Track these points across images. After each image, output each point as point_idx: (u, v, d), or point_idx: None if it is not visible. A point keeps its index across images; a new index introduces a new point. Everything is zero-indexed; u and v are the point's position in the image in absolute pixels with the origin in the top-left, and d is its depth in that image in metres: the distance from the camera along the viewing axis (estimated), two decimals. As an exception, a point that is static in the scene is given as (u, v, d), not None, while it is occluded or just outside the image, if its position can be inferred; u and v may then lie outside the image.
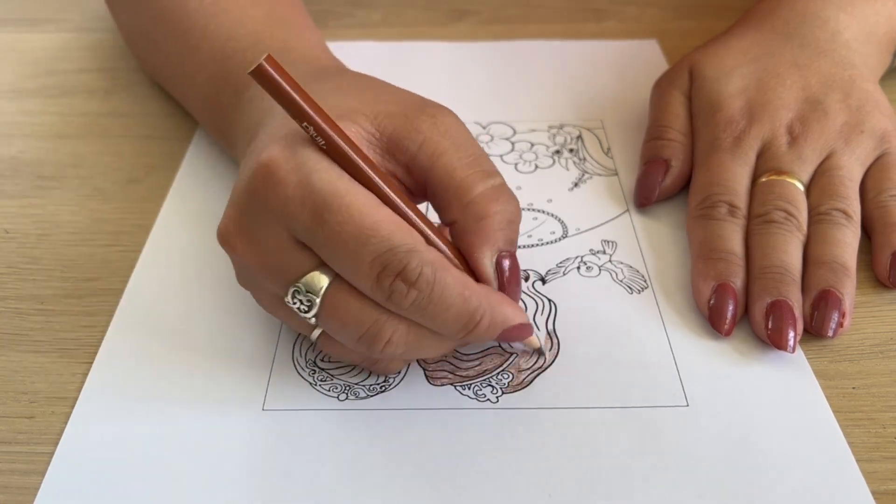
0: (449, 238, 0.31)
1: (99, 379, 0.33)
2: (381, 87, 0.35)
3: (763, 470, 0.29)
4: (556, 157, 0.46)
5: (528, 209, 0.42)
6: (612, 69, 0.54)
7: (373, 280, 0.28)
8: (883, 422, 0.31)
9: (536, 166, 0.45)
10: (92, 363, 0.34)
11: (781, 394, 0.32)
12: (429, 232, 0.30)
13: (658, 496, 0.29)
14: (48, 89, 0.53)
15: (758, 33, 0.43)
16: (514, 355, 0.34)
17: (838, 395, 0.32)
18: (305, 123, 0.28)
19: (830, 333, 0.34)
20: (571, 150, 0.46)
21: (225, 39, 0.41)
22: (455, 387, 0.33)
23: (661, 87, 0.45)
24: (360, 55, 0.55)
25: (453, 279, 0.28)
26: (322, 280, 0.29)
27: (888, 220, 0.38)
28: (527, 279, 0.38)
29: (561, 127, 0.48)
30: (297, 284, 0.29)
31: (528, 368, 0.33)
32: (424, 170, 0.30)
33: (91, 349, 0.35)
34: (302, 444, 0.31)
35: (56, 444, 0.31)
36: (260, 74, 0.27)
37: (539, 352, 0.34)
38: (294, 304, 0.29)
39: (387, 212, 0.28)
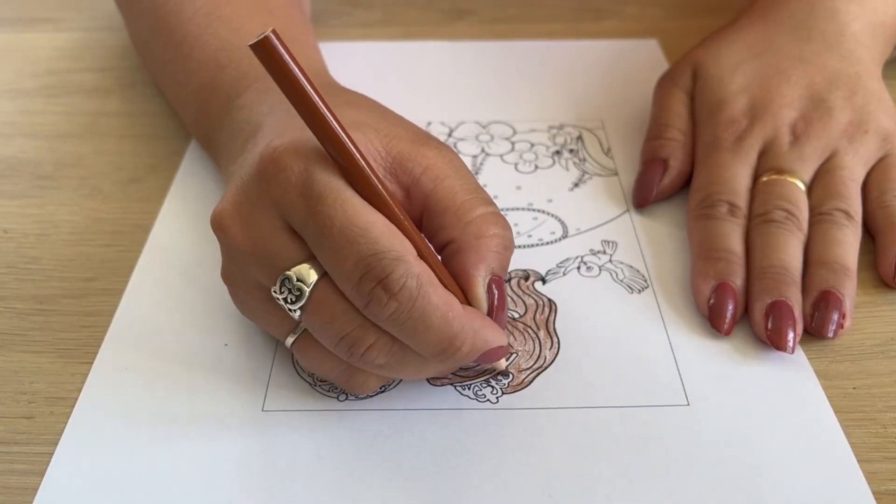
0: (440, 260, 0.30)
1: (98, 379, 0.33)
2: (388, 110, 0.35)
3: (764, 470, 0.29)
4: (556, 158, 0.46)
5: (528, 209, 0.42)
6: (612, 69, 0.54)
7: (354, 282, 0.27)
8: (884, 422, 0.31)
9: (536, 166, 0.45)
10: (91, 363, 0.34)
11: (782, 393, 0.32)
12: (421, 245, 0.29)
13: (658, 496, 0.29)
14: (48, 89, 0.53)
15: (763, 26, 0.43)
16: (515, 355, 0.34)
17: (839, 395, 0.32)
18: (305, 111, 0.27)
19: (830, 334, 0.34)
20: (571, 151, 0.46)
21: (218, 49, 0.40)
22: (455, 387, 0.33)
23: (664, 86, 0.44)
24: (360, 55, 0.56)
25: (438, 298, 0.28)
26: (312, 273, 0.28)
27: (892, 221, 0.37)
28: (527, 279, 0.38)
29: (561, 127, 0.48)
30: (288, 273, 0.28)
31: (528, 368, 0.33)
32: (426, 192, 0.30)
33: (90, 349, 0.35)
34: (302, 444, 0.31)
35: (55, 444, 0.31)
36: (263, 48, 0.26)
37: (503, 373, 0.33)
38: (281, 294, 0.29)
39: (380, 217, 0.28)
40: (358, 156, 0.28)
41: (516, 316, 0.36)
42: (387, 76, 0.53)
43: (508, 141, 0.47)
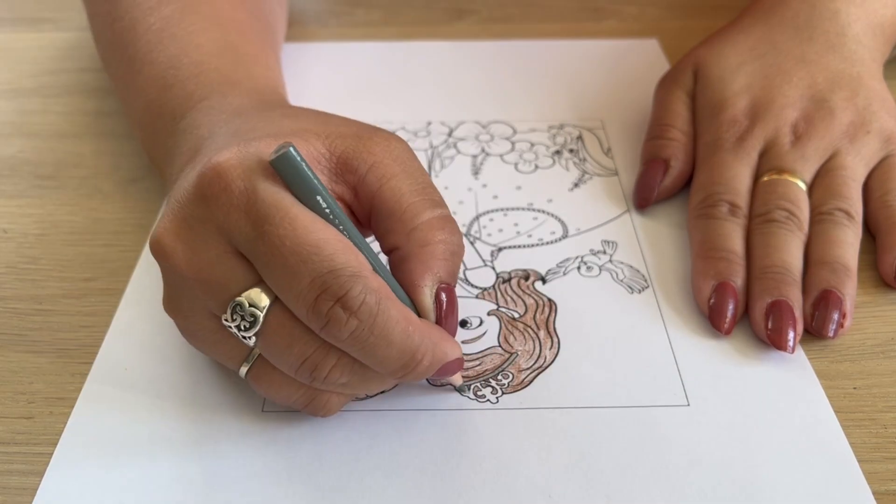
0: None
1: (98, 380, 0.33)
2: (331, 114, 0.33)
3: (764, 470, 0.29)
4: (556, 158, 0.46)
5: (529, 209, 0.42)
6: (613, 69, 0.54)
7: (310, 303, 0.26)
8: (884, 422, 0.31)
9: (536, 166, 0.45)
10: (91, 364, 0.34)
11: (782, 393, 0.32)
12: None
13: (658, 496, 0.29)
14: (47, 89, 0.53)
15: (765, 27, 0.43)
16: (515, 354, 0.34)
17: (839, 395, 0.32)
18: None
19: (831, 334, 0.34)
20: (571, 151, 0.46)
21: (166, 67, 0.39)
22: (455, 387, 0.33)
23: (664, 86, 0.44)
24: (360, 55, 0.56)
25: (398, 312, 0.27)
26: (264, 297, 0.27)
27: (894, 221, 0.37)
28: (527, 279, 0.38)
29: (561, 127, 0.48)
30: (238, 299, 0.27)
31: (529, 368, 0.33)
32: (371, 192, 0.29)
33: (90, 350, 0.35)
34: (302, 444, 0.31)
35: (55, 444, 0.31)
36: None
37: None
38: (233, 321, 0.27)
39: (332, 231, 0.27)
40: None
41: (516, 316, 0.36)
42: (387, 76, 0.53)
43: (508, 141, 0.47)
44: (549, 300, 0.37)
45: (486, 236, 0.40)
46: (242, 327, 0.27)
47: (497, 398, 0.32)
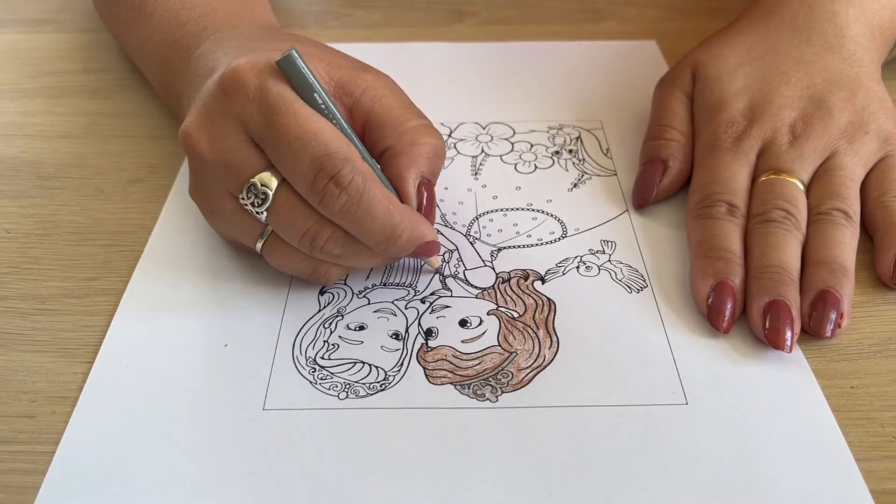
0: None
1: (100, 378, 0.33)
2: (331, 47, 0.38)
3: (762, 469, 0.29)
4: (555, 158, 0.46)
5: (528, 209, 0.42)
6: (611, 70, 0.54)
7: (309, 181, 0.31)
8: (881, 421, 0.31)
9: (536, 167, 0.45)
10: (93, 363, 0.34)
11: (780, 392, 0.32)
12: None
13: (658, 494, 0.29)
14: (49, 89, 0.53)
15: (764, 28, 0.43)
16: (514, 353, 0.34)
17: (837, 394, 0.32)
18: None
19: (828, 334, 0.34)
20: (571, 151, 0.46)
21: (179, 9, 0.44)
22: (455, 386, 0.33)
23: (663, 87, 0.45)
24: (360, 57, 0.56)
25: (381, 192, 0.32)
26: (273, 179, 0.32)
27: (892, 221, 0.38)
28: (526, 278, 0.38)
29: (560, 128, 0.49)
30: (252, 181, 0.32)
31: (528, 367, 0.34)
32: (365, 110, 0.35)
33: (92, 349, 0.35)
34: (302, 444, 0.31)
35: (57, 443, 0.31)
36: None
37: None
38: (248, 199, 0.33)
39: (328, 123, 0.32)
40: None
41: (516, 315, 0.36)
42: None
43: (508, 141, 0.47)
44: (549, 300, 0.37)
45: (485, 236, 0.40)
46: (255, 204, 0.33)
47: (496, 397, 0.32)
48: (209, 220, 0.36)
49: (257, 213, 0.33)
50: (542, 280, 0.38)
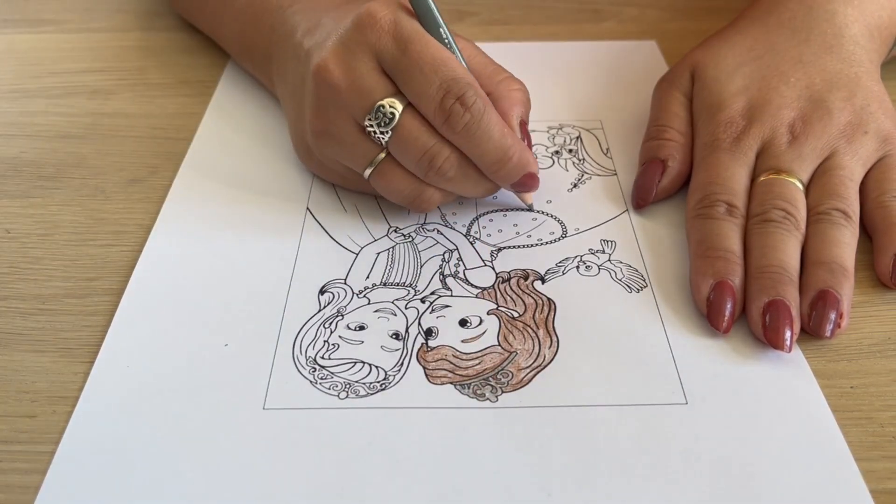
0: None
1: (100, 378, 0.33)
2: None
3: (761, 468, 0.30)
4: (555, 158, 0.46)
5: (528, 209, 0.42)
6: (611, 70, 0.54)
7: (438, 101, 0.35)
8: (881, 421, 0.31)
9: (536, 167, 0.45)
10: (93, 363, 0.34)
11: (780, 392, 0.32)
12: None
13: (657, 494, 0.29)
14: (49, 90, 0.53)
15: (763, 28, 0.43)
16: (514, 353, 0.34)
17: (836, 394, 0.32)
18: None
19: (828, 334, 0.34)
20: (571, 151, 0.47)
21: None
22: (455, 386, 0.33)
23: (662, 87, 0.45)
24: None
25: (497, 117, 0.36)
26: (398, 104, 0.36)
27: (891, 221, 0.38)
28: (526, 278, 0.38)
29: (560, 128, 0.49)
30: (381, 103, 0.36)
31: (528, 367, 0.34)
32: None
33: (92, 349, 0.35)
34: (302, 444, 0.31)
35: (57, 443, 0.31)
36: None
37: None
38: (375, 120, 0.36)
39: (452, 55, 0.36)
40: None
41: (516, 315, 0.36)
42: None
43: (508, 141, 0.47)
44: (549, 299, 0.37)
45: (485, 237, 0.40)
46: (382, 123, 0.36)
47: (496, 397, 0.32)
48: (321, 148, 0.39)
49: (381, 133, 0.36)
50: (542, 280, 0.38)
